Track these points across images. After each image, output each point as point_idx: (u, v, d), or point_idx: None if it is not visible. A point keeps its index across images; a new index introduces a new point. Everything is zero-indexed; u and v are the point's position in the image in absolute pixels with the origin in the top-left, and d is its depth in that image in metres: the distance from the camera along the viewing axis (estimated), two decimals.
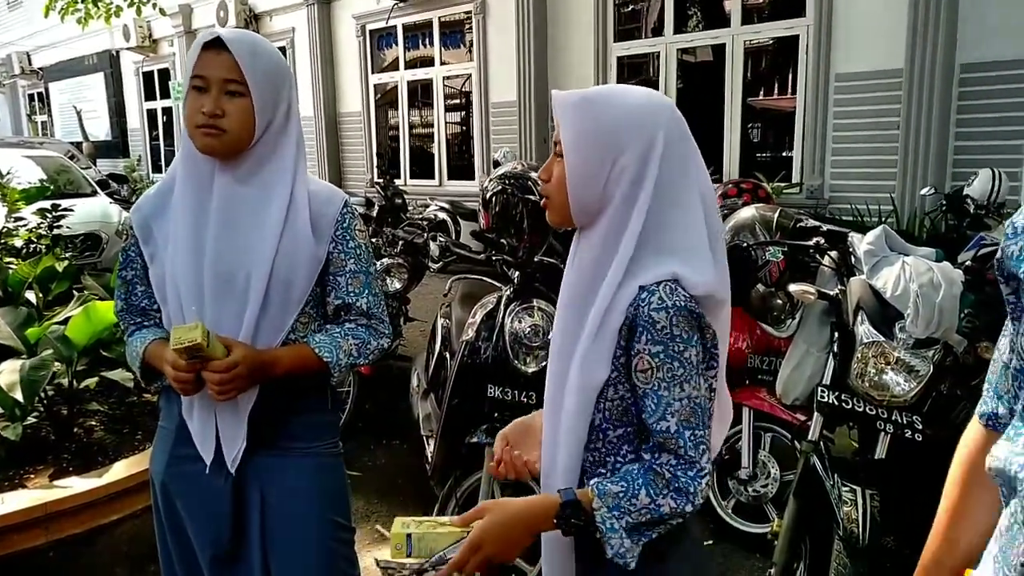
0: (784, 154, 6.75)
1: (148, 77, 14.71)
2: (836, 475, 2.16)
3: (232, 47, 1.36)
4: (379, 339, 1.55)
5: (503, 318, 2.46)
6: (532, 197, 4.18)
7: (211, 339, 1.33)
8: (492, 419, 2.40)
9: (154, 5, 8.15)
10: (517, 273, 2.58)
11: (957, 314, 2.18)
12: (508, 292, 2.55)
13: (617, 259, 1.07)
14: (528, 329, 2.42)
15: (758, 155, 7.27)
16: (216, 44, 1.37)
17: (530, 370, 2.39)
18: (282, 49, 11.26)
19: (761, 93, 7.51)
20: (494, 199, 5.48)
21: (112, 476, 2.61)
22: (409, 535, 1.11)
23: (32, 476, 2.66)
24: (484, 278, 2.99)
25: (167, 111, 14.23)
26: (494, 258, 2.73)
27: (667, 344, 1.04)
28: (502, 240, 2.93)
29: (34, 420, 2.94)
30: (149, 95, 14.85)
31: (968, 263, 2.31)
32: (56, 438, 2.90)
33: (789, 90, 6.81)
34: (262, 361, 1.40)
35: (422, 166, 9.97)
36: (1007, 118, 5.05)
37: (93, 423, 3.12)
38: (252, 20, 11.31)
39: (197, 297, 1.42)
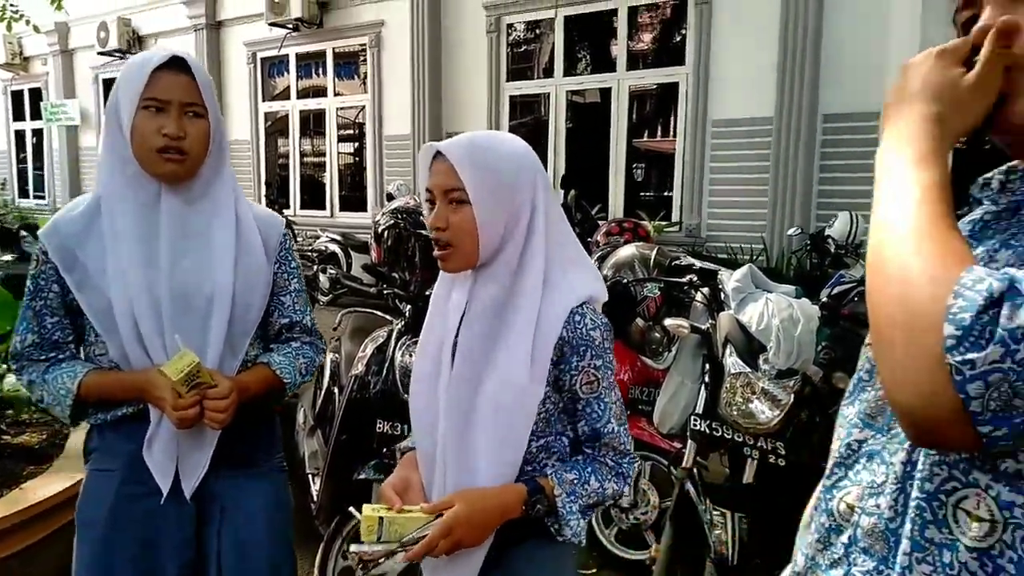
0: (666, 194, 7.10)
1: (17, 96, 13.83)
2: (708, 500, 2.29)
3: (193, 68, 1.38)
4: (319, 355, 1.59)
5: (393, 352, 2.47)
6: (424, 232, 4.23)
7: (201, 366, 1.32)
8: (381, 455, 2.39)
9: (27, 21, 7.72)
10: (409, 307, 2.60)
11: (814, 347, 2.37)
12: (399, 326, 2.56)
13: (531, 283, 1.20)
14: None
15: (642, 194, 7.61)
16: (172, 65, 1.36)
17: None
18: None
19: (645, 135, 7.89)
20: (386, 232, 5.49)
21: None
22: (381, 518, 1.15)
23: None
24: (375, 312, 2.98)
25: (38, 132, 13.41)
26: (385, 291, 2.74)
27: (603, 357, 1.21)
28: (394, 273, 2.95)
29: None
30: (18, 115, 13.94)
31: (824, 300, 2.52)
32: None
33: (671, 133, 7.18)
34: (239, 387, 1.40)
35: (313, 197, 9.82)
36: (864, 165, 5.51)
37: None
38: (136, 42, 10.88)
39: (156, 324, 1.37)
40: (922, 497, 0.77)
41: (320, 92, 9.62)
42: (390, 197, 6.64)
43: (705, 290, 2.70)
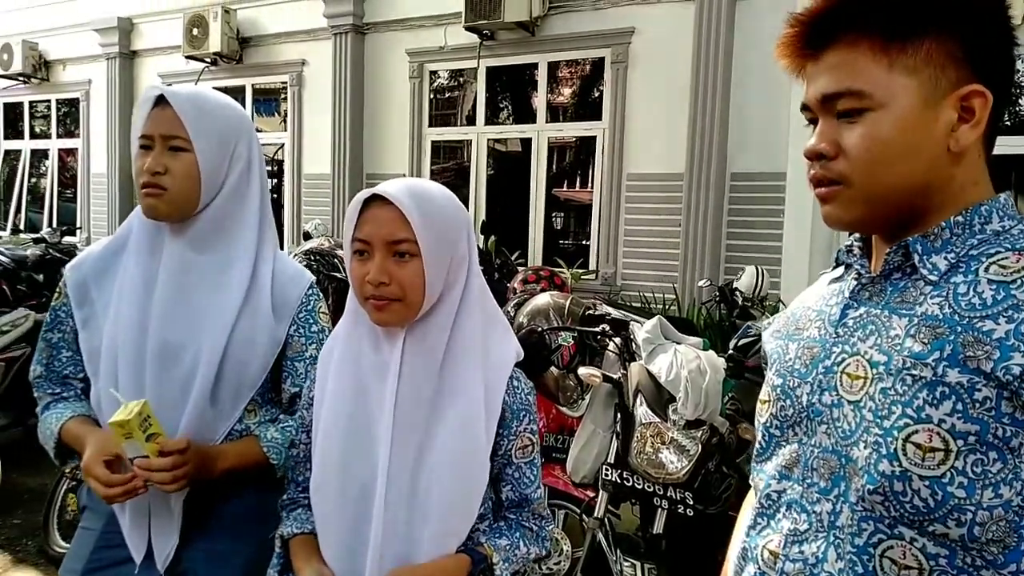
0: (583, 242, 7.24)
1: None
2: (619, 550, 2.29)
3: (173, 101, 1.27)
4: None
5: None
6: (338, 275, 4.15)
7: (155, 421, 1.19)
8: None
9: None
10: None
11: (721, 398, 2.43)
12: None
13: (470, 342, 1.16)
14: None
15: (561, 242, 7.73)
16: (161, 101, 1.29)
17: None
18: (74, 101, 10.47)
19: (564, 184, 8.06)
20: None
21: None
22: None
23: None
24: None
25: None
26: None
27: (536, 422, 1.23)
28: None
29: None
30: None
31: (730, 351, 2.60)
32: None
33: (589, 184, 7.36)
34: (206, 457, 1.26)
35: None
36: (768, 222, 5.78)
37: None
38: (42, 67, 10.43)
39: (137, 373, 1.27)
40: (853, 552, 0.81)
41: None
42: (307, 236, 6.52)
43: (617, 340, 2.75)
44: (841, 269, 0.98)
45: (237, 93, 9.26)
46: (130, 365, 1.29)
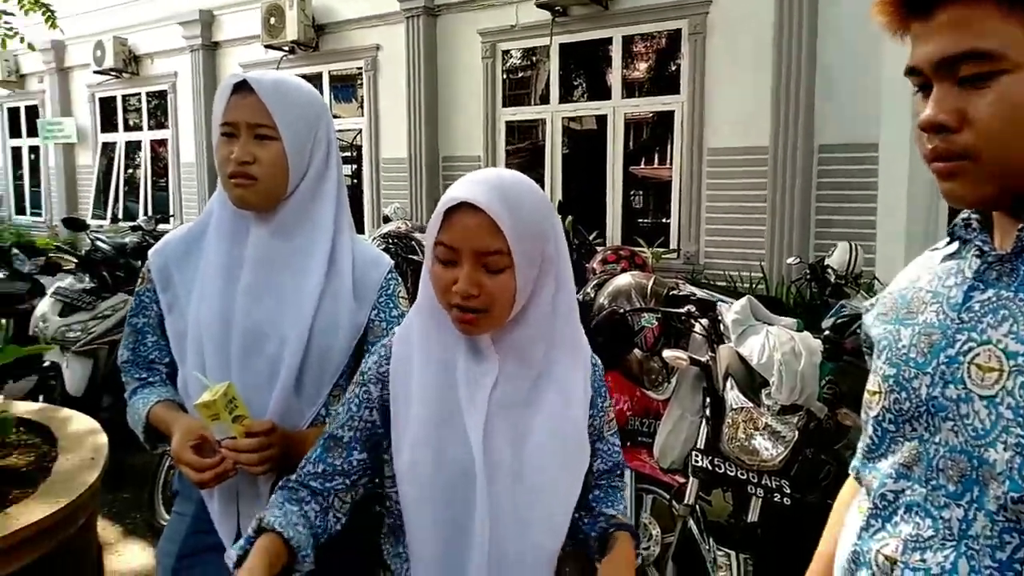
0: (663, 220, 7.08)
1: (14, 113, 13.80)
2: (711, 539, 2.22)
3: (257, 88, 1.25)
4: None
5: None
6: (416, 258, 4.18)
7: (240, 404, 1.19)
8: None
9: (22, 39, 7.70)
10: None
11: (818, 382, 2.32)
12: None
13: (565, 327, 1.14)
14: None
15: (640, 221, 7.59)
16: (243, 87, 1.26)
17: None
18: (163, 93, 10.87)
19: (642, 162, 7.89)
20: None
21: None
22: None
23: None
24: None
25: (35, 149, 13.36)
26: None
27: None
28: None
29: None
30: (14, 132, 13.90)
31: (825, 332, 2.47)
32: None
33: (667, 160, 7.19)
34: (293, 441, 1.26)
35: None
36: (861, 195, 5.50)
37: None
38: (132, 61, 10.88)
39: (223, 359, 1.28)
40: (994, 567, 0.72)
41: None
42: (386, 219, 6.60)
43: (704, 321, 2.65)
44: (955, 245, 0.87)
45: (314, 80, 9.42)
46: (216, 352, 1.29)
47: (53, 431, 3.45)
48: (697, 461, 2.32)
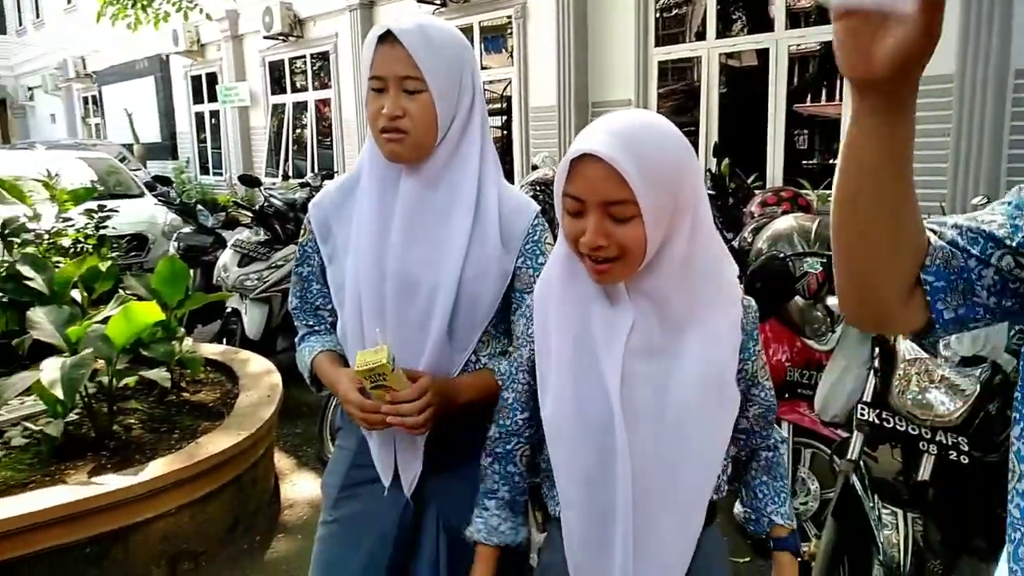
0: (831, 161, 6.61)
1: (196, 81, 15.04)
2: (876, 496, 2.09)
3: (403, 39, 1.24)
4: None
5: None
6: None
7: (395, 366, 1.23)
8: None
9: (200, 10, 8.33)
10: None
11: (1006, 332, 2.10)
12: None
13: (707, 271, 1.09)
14: None
15: (804, 162, 7.13)
16: (389, 37, 1.26)
17: None
18: (325, 54, 11.40)
19: (808, 99, 7.37)
20: None
21: (148, 474, 2.64)
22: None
23: (72, 472, 2.71)
24: None
25: (215, 114, 14.53)
26: None
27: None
28: None
29: (75, 418, 3.00)
30: (197, 98, 15.18)
31: None
32: (96, 436, 2.95)
33: (837, 96, 6.66)
34: (446, 391, 1.31)
35: None
36: None
37: (132, 421, 3.17)
38: (296, 24, 11.48)
39: (378, 307, 1.33)
40: None
41: None
42: (535, 168, 6.61)
43: None
44: None
45: (465, 32, 9.50)
46: (372, 301, 1.32)
47: (235, 371, 3.83)
48: (863, 415, 2.18)
